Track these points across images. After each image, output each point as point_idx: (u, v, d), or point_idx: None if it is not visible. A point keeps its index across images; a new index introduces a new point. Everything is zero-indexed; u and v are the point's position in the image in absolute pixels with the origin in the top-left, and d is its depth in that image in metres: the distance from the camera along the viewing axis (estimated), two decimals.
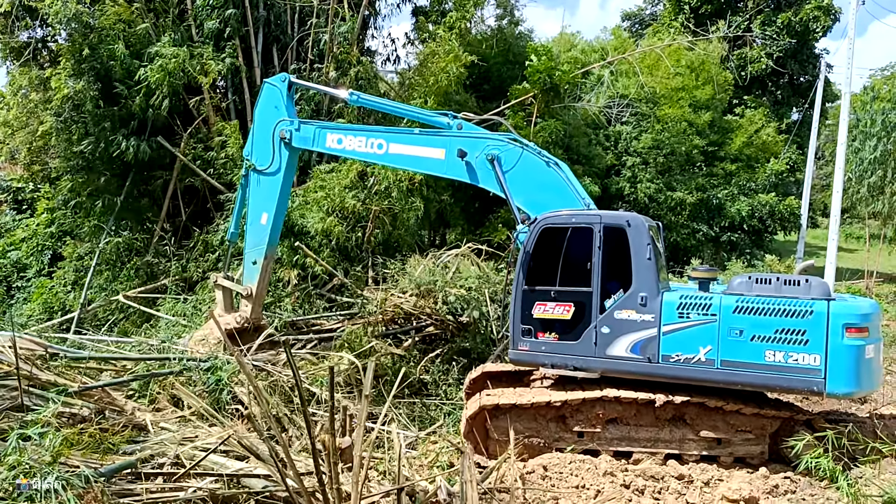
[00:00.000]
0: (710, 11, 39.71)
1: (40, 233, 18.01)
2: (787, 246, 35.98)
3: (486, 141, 9.42)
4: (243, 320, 11.12)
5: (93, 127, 15.18)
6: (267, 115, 10.89)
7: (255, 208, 11.07)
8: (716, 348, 7.69)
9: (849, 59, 23.70)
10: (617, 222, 8.28)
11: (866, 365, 7.33)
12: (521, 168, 9.14)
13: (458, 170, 9.55)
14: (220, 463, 6.84)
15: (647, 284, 8.04)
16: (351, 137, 10.28)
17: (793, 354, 7.39)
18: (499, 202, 22.32)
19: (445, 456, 8.59)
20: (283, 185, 10.87)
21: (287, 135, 10.59)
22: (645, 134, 24.91)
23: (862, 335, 7.28)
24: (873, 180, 26.87)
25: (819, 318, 7.31)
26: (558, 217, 8.65)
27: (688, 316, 7.82)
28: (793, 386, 7.47)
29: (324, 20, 17.39)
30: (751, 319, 7.58)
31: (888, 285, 28.66)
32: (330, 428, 5.48)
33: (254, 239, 11.08)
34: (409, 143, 9.89)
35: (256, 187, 11.03)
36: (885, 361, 13.61)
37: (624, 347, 8.12)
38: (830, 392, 7.27)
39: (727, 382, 7.67)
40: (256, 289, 11.06)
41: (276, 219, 10.95)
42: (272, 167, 10.78)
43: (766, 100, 39.84)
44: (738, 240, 26.41)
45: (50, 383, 8.31)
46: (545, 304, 8.63)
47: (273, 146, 10.72)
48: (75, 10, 14.80)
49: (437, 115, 10.27)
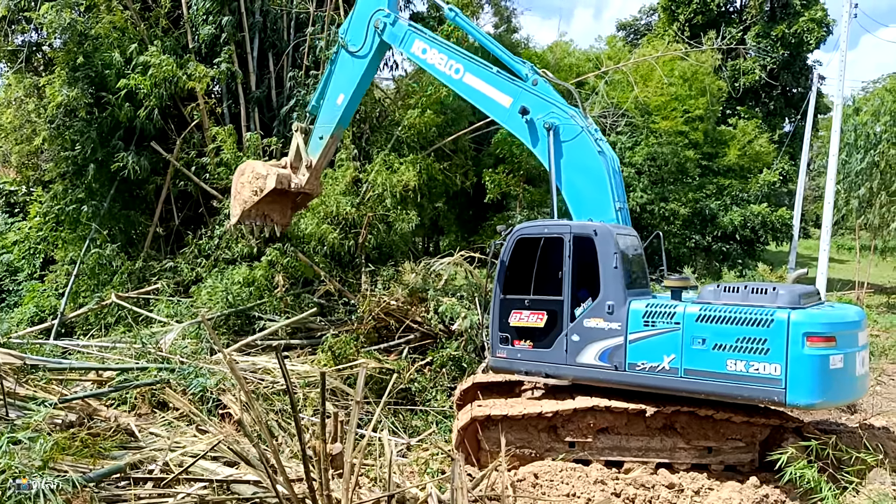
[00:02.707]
0: (703, 22, 39.95)
1: (32, 236, 17.94)
2: (780, 256, 36.16)
3: (551, 106, 9.37)
4: (289, 182, 11.71)
5: (88, 135, 15.14)
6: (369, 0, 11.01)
7: (334, 87, 11.47)
8: (679, 357, 7.62)
9: (841, 71, 23.90)
10: (585, 232, 8.38)
11: (831, 376, 7.07)
12: (573, 146, 9.17)
13: (518, 124, 9.58)
14: (209, 469, 6.83)
15: (614, 293, 8.09)
16: (435, 51, 10.34)
17: (754, 364, 7.20)
18: (492, 209, 22.44)
19: (436, 463, 8.60)
20: (367, 71, 11.17)
21: (381, 25, 10.71)
22: (638, 147, 25.00)
23: (827, 344, 7.05)
24: (862, 192, 27.07)
25: (779, 327, 7.11)
26: (532, 227, 9.10)
27: (653, 324, 7.82)
28: (754, 396, 7.27)
29: (320, 27, 17.40)
30: (713, 328, 7.46)
31: (879, 296, 28.83)
32: (321, 434, 5.48)
33: (326, 116, 11.58)
34: (484, 80, 9.87)
35: (341, 67, 11.35)
36: (875, 371, 13.71)
37: (593, 355, 8.19)
38: (791, 403, 7.06)
39: (690, 391, 7.57)
40: (316, 161, 11.73)
41: (350, 102, 11.35)
42: (361, 51, 10.99)
43: (758, 111, 40.04)
44: (730, 250, 26.50)
45: (29, 398, 8.30)
46: (521, 312, 8.84)
47: (367, 31, 10.87)
48: (70, 20, 14.78)
49: (518, 62, 10.22)
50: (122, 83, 14.93)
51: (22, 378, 9.10)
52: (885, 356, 15.61)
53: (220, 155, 15.40)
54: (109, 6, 15.72)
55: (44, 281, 16.65)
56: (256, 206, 11.85)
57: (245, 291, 13.39)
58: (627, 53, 29.56)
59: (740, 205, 26.64)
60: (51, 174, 16.55)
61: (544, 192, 21.62)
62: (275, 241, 14.61)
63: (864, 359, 7.61)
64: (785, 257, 34.65)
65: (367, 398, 10.15)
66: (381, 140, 17.87)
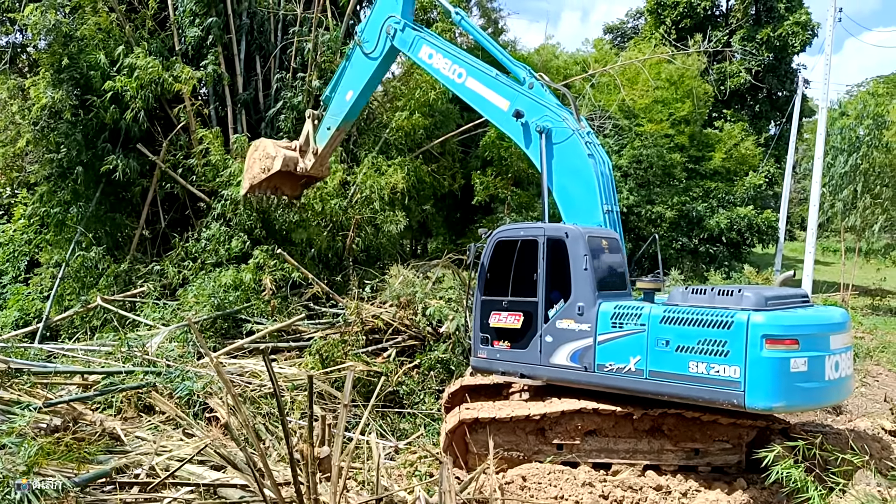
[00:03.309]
0: (690, 26, 40.20)
1: (17, 239, 17.77)
2: (766, 258, 36.40)
3: (545, 109, 9.56)
4: (295, 165, 12.78)
5: (73, 137, 15.04)
6: (385, 4, 11.40)
7: (345, 83, 12.08)
8: (644, 358, 7.61)
9: (825, 74, 24.13)
10: (557, 234, 8.50)
11: (791, 379, 6.91)
12: (563, 148, 9.35)
13: (513, 127, 9.81)
14: (196, 473, 6.79)
15: (584, 294, 8.18)
16: (440, 56, 10.68)
17: (714, 366, 7.10)
18: (480, 212, 22.47)
19: (424, 466, 8.58)
20: (375, 73, 11.76)
21: (392, 31, 11.16)
22: (625, 149, 25.11)
23: (787, 347, 6.91)
24: (845, 195, 27.36)
25: (739, 329, 6.99)
26: (510, 230, 9.23)
27: (620, 326, 7.84)
28: (714, 398, 7.15)
29: (307, 29, 17.37)
30: (676, 330, 7.42)
31: (863, 298, 29.07)
32: (308, 437, 5.46)
33: (335, 108, 12.29)
34: (484, 83, 10.15)
35: (354, 65, 11.93)
36: (861, 373, 13.82)
37: (564, 356, 8.29)
38: (750, 406, 6.92)
39: (655, 393, 7.56)
40: (322, 149, 12.71)
41: (358, 99, 11.98)
42: (374, 53, 11.51)
43: (744, 113, 40.33)
44: (717, 252, 26.65)
45: (13, 402, 8.23)
46: (500, 313, 9.00)
47: (380, 35, 11.36)
48: (55, 21, 14.68)
49: (517, 66, 10.41)
50: (108, 85, 14.84)
51: (6, 382, 9.02)
52: (870, 357, 15.73)
53: (208, 157, 15.33)
54: (95, 7, 15.65)
55: (28, 284, 16.50)
56: (265, 181, 12.99)
57: (232, 294, 13.33)
58: (614, 56, 29.68)
59: (727, 207, 26.80)
60: (36, 176, 16.42)
61: (532, 195, 21.66)
62: (261, 242, 14.61)
63: (838, 362, 7.36)
64: (771, 259, 34.89)
65: (354, 401, 10.13)
66: (370, 142, 17.88)
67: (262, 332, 12.38)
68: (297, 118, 16.95)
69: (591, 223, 9.10)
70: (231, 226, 15.05)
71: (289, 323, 12.67)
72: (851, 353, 7.74)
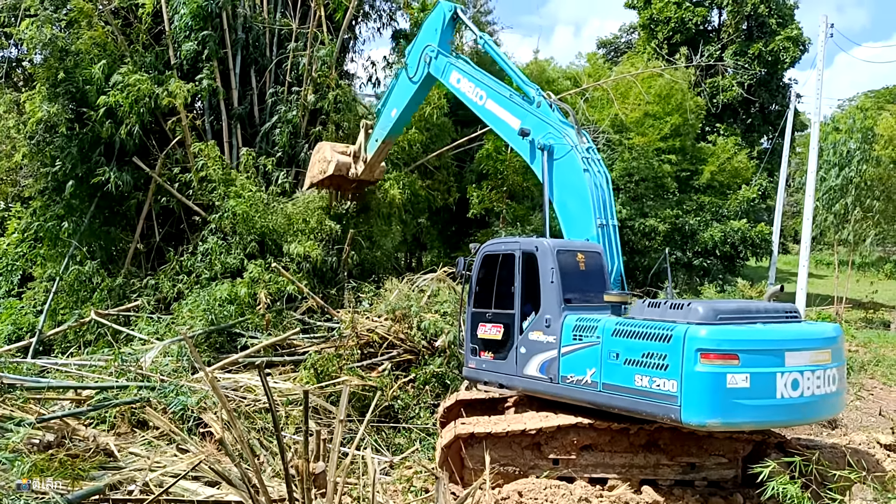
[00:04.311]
0: (682, 40, 40.44)
1: (10, 253, 17.69)
2: (759, 272, 36.50)
3: (548, 127, 9.91)
4: (347, 170, 14.46)
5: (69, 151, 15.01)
6: (426, 34, 12.46)
7: (392, 100, 13.31)
8: (599, 371, 7.61)
9: (818, 89, 24.32)
10: (529, 248, 8.74)
11: (729, 395, 6.67)
12: (562, 164, 9.67)
13: (522, 145, 10.25)
14: (190, 489, 6.76)
15: (551, 307, 8.34)
16: (466, 80, 11.37)
17: (656, 380, 6.99)
18: (475, 225, 22.49)
19: (420, 482, 8.55)
20: (415, 95, 12.82)
21: (428, 59, 12.10)
22: (615, 163, 25.19)
23: (725, 362, 6.69)
24: (837, 208, 27.57)
25: (677, 343, 6.88)
26: (494, 244, 9.54)
27: (580, 338, 7.91)
28: (655, 412, 7.04)
29: (303, 44, 17.43)
30: (625, 343, 7.39)
31: (857, 311, 29.17)
32: (303, 453, 5.44)
33: (382, 122, 13.66)
34: (499, 104, 10.71)
35: (399, 85, 13.07)
36: (855, 386, 13.84)
37: (535, 367, 8.45)
38: (686, 421, 6.77)
39: (608, 406, 7.55)
40: (370, 158, 14.20)
41: (400, 116, 13.21)
42: (414, 77, 12.49)
43: (736, 127, 40.51)
44: (710, 265, 26.71)
45: (6, 417, 8.18)
46: (485, 325, 9.28)
47: (419, 62, 12.30)
48: (50, 35, 14.70)
49: (529, 85, 10.83)
50: (102, 101, 14.83)
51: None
52: (865, 371, 15.76)
53: (205, 171, 15.32)
54: (90, 22, 15.66)
55: (22, 298, 16.43)
56: (322, 181, 14.89)
57: (227, 308, 13.29)
58: (607, 71, 29.84)
59: (720, 221, 26.89)
60: (30, 190, 16.39)
61: (528, 208, 21.72)
62: (256, 256, 14.58)
63: (797, 380, 6.92)
64: (765, 272, 34.98)
65: (349, 416, 10.09)
66: None
67: (257, 347, 12.34)
68: (292, 132, 17.00)
69: (585, 237, 9.26)
70: (227, 239, 15.02)
71: (283, 337, 12.65)
72: (833, 371, 7.30)
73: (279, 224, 15.11)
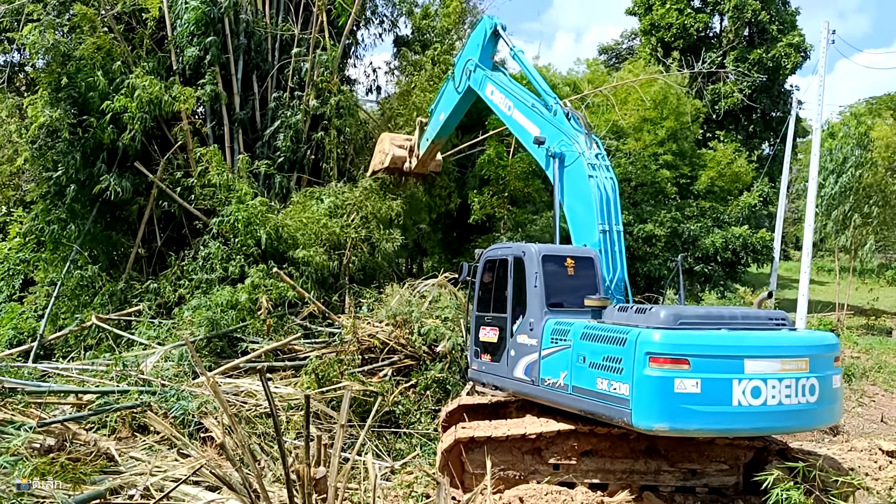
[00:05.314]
0: (683, 47, 40.48)
1: (12, 257, 17.70)
2: (761, 278, 36.45)
3: (561, 135, 10.14)
4: (402, 163, 16.00)
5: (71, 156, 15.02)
6: (469, 48, 13.14)
7: (440, 105, 14.20)
8: (570, 374, 7.70)
9: (819, 95, 24.30)
10: (519, 253, 8.94)
11: (677, 400, 6.64)
12: (570, 170, 9.89)
13: (538, 153, 10.51)
14: (191, 493, 6.75)
15: (534, 311, 8.49)
16: (499, 92, 11.82)
17: (613, 383, 7.04)
18: (477, 231, 22.48)
19: (421, 487, 8.53)
20: (459, 104, 13.51)
21: (468, 72, 12.76)
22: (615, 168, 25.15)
23: (674, 367, 6.66)
24: (836, 214, 27.59)
25: (630, 346, 6.91)
26: (494, 250, 9.77)
27: (556, 342, 8.01)
28: (611, 415, 7.07)
29: (305, 49, 17.47)
30: (590, 346, 7.48)
31: (858, 318, 29.14)
32: (304, 458, 5.44)
33: (433, 124, 14.71)
34: (523, 113, 11.11)
35: (447, 91, 13.85)
36: (857, 393, 13.82)
37: (521, 370, 8.59)
38: (636, 424, 6.77)
39: (577, 409, 7.63)
40: (422, 155, 15.53)
41: (447, 121, 14.13)
42: (459, 87, 13.19)
43: (735, 133, 40.46)
44: (711, 272, 26.66)
45: (7, 421, 8.18)
46: (485, 328, 9.51)
47: (462, 73, 12.99)
48: (53, 40, 14.72)
49: (548, 95, 11.13)
50: (107, 106, 14.84)
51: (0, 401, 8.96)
52: (866, 378, 15.74)
53: (207, 176, 15.32)
54: (93, 27, 15.69)
55: (23, 302, 16.42)
56: (380, 171, 16.42)
57: (228, 313, 13.28)
58: (607, 77, 29.82)
59: (721, 227, 26.85)
60: (32, 195, 16.39)
61: (530, 214, 21.70)
62: (258, 261, 14.57)
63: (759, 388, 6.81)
64: (766, 279, 34.92)
65: (350, 421, 10.08)
66: (366, 161, 17.93)
67: (258, 352, 12.33)
68: (294, 137, 17.02)
69: (589, 242, 9.34)
70: (229, 245, 15.02)
71: (285, 342, 12.63)
72: (812, 380, 7.09)
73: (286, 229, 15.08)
